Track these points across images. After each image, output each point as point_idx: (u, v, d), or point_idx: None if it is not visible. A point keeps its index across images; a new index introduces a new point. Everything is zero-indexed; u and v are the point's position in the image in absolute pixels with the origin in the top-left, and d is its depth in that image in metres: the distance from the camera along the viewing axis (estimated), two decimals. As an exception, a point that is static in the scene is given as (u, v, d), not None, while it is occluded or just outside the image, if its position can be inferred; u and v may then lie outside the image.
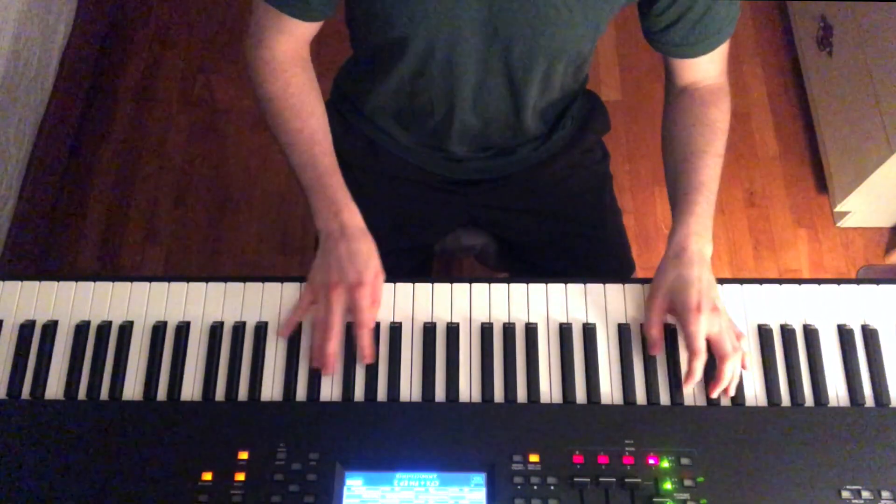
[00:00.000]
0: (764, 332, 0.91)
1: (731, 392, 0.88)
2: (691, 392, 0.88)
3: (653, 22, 0.95)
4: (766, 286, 0.94)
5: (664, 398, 0.88)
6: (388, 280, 0.93)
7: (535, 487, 0.81)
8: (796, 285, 0.94)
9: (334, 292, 0.88)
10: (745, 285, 0.94)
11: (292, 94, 0.98)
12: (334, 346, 0.87)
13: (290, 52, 0.98)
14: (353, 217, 0.93)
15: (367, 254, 0.91)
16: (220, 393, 0.89)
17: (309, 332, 0.92)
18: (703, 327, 0.86)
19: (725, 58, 1.01)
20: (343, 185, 0.95)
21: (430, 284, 0.94)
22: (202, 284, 0.95)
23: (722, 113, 1.01)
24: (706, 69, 1.01)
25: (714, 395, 0.87)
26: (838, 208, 1.91)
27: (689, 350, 0.87)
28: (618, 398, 0.88)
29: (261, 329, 0.91)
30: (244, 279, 0.95)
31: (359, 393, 0.88)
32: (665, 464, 0.82)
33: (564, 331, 0.91)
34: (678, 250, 0.91)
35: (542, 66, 0.97)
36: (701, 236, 0.92)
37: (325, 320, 0.88)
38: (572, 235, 1.18)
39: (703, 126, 0.99)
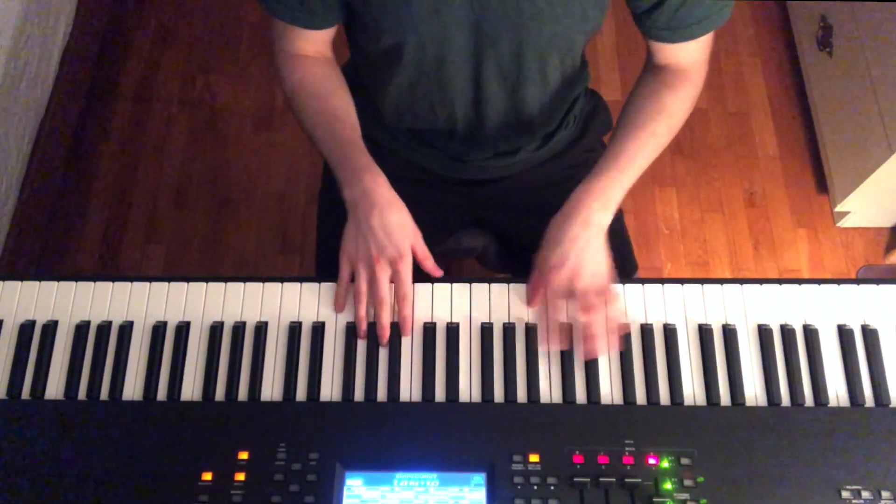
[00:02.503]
0: (764, 332, 0.91)
1: (595, 353, 0.88)
2: (691, 392, 0.88)
3: (637, 3, 0.95)
4: (766, 286, 0.94)
5: (664, 398, 0.88)
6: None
7: (535, 487, 0.81)
8: (796, 285, 0.94)
9: (378, 265, 0.89)
10: (745, 285, 0.94)
11: (311, 81, 1.00)
12: (388, 317, 0.89)
13: (309, 50, 1.02)
14: (375, 181, 0.93)
15: (400, 223, 0.91)
16: (220, 393, 0.88)
17: (309, 331, 0.92)
18: (553, 285, 0.89)
19: (706, 48, 1.01)
20: (365, 153, 0.95)
21: (430, 284, 0.94)
22: (202, 284, 0.95)
23: (677, 98, 1.00)
24: (683, 57, 1.00)
25: (542, 348, 0.89)
26: (838, 208, 1.91)
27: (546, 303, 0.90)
28: (618, 398, 0.88)
29: (261, 329, 0.91)
30: (244, 279, 0.95)
31: (359, 393, 0.88)
32: (665, 464, 0.82)
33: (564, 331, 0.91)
34: (568, 210, 0.92)
35: (533, 62, 0.97)
36: (598, 201, 0.92)
37: (377, 295, 0.89)
38: None
39: (650, 103, 1.00)
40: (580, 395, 0.88)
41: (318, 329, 0.92)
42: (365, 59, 1.05)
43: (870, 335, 0.91)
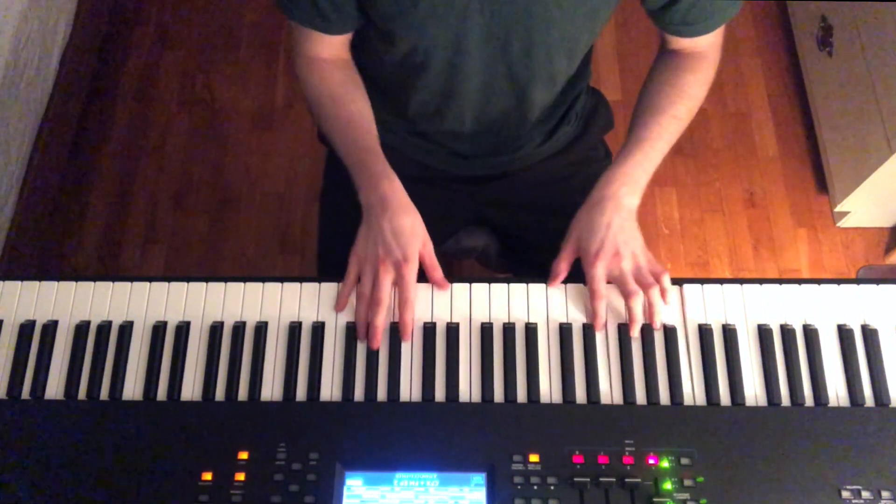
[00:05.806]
0: (764, 332, 0.91)
1: (656, 325, 0.90)
2: (691, 392, 0.88)
3: (652, 2, 0.96)
4: (766, 286, 0.94)
5: (664, 398, 0.88)
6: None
7: (535, 487, 0.81)
8: (796, 285, 0.94)
9: (382, 267, 0.90)
10: (745, 285, 0.94)
11: (330, 84, 1.01)
12: (382, 319, 0.89)
13: (326, 54, 1.02)
14: (392, 188, 0.94)
15: (410, 228, 0.92)
16: (220, 393, 0.88)
17: (309, 331, 0.92)
18: (599, 272, 0.90)
19: (721, 32, 1.02)
20: (383, 160, 0.97)
21: (430, 284, 0.94)
22: (202, 284, 0.95)
23: (695, 79, 1.02)
24: (700, 42, 1.02)
25: (632, 334, 0.90)
26: (838, 208, 1.90)
27: (589, 292, 0.91)
28: (618, 398, 0.88)
29: (261, 329, 0.91)
30: (244, 279, 0.95)
31: (359, 393, 0.88)
32: (665, 464, 0.82)
33: (564, 331, 0.91)
34: (597, 197, 0.95)
35: (541, 61, 0.97)
36: (627, 186, 0.94)
37: (375, 296, 0.90)
38: None
39: (669, 87, 1.01)
40: (580, 395, 0.88)
41: (318, 329, 0.92)
42: (376, 63, 1.05)
43: (870, 335, 0.91)
